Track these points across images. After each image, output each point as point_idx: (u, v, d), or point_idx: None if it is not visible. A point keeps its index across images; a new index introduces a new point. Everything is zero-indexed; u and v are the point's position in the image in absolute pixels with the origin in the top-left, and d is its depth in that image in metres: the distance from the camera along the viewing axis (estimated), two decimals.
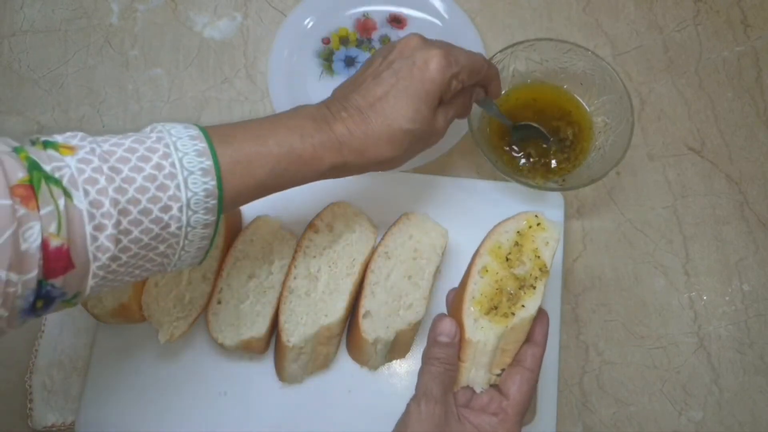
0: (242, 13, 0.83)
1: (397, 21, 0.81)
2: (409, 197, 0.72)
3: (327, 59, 0.80)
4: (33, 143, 0.44)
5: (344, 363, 0.68)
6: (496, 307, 0.55)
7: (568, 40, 0.71)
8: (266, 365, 0.67)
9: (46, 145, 0.44)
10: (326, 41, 0.81)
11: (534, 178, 0.71)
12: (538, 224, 0.58)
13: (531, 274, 0.56)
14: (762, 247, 0.74)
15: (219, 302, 0.65)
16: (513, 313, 0.54)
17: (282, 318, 0.63)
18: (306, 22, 0.80)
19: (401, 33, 0.81)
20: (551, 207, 0.72)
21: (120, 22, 0.82)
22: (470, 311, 0.54)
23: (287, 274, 0.65)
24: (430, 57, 0.54)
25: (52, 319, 0.69)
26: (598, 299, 0.72)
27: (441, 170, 0.76)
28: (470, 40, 0.79)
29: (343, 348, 0.68)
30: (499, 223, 0.59)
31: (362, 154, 0.53)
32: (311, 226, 0.67)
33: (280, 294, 0.65)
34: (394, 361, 0.68)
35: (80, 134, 0.45)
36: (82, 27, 0.82)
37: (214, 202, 0.47)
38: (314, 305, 0.64)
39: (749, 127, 0.78)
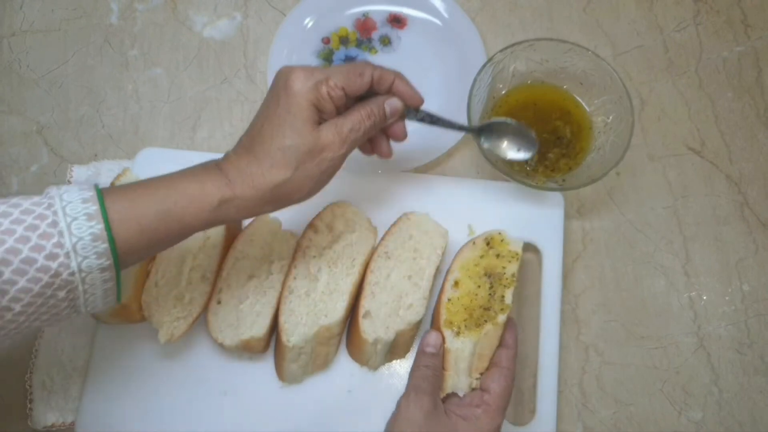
0: (242, 12, 0.83)
1: (397, 21, 0.81)
2: (409, 197, 0.72)
3: (327, 59, 0.80)
4: None
5: (344, 363, 0.68)
6: (470, 316, 0.62)
7: (569, 40, 0.71)
8: (266, 365, 0.67)
9: None
10: (326, 41, 0.81)
11: (534, 178, 0.71)
12: (502, 240, 0.65)
13: (500, 284, 0.63)
14: (762, 247, 0.74)
15: (219, 302, 0.65)
16: (486, 321, 0.61)
17: (282, 318, 0.63)
18: (306, 22, 0.80)
19: (401, 33, 0.81)
20: (551, 207, 0.72)
21: (119, 22, 0.82)
22: (447, 323, 0.62)
23: (287, 274, 0.65)
24: (288, 77, 0.53)
25: None
26: (598, 299, 0.72)
27: (441, 170, 0.76)
28: (470, 40, 0.79)
29: (343, 348, 0.68)
30: (467, 243, 0.66)
31: (251, 184, 0.52)
32: (311, 226, 0.67)
33: (280, 294, 0.65)
34: (394, 361, 0.68)
35: None
36: (81, 27, 0.82)
37: (105, 245, 0.47)
38: (314, 305, 0.64)
39: (749, 127, 0.78)
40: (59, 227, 0.46)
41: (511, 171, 0.70)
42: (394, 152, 0.76)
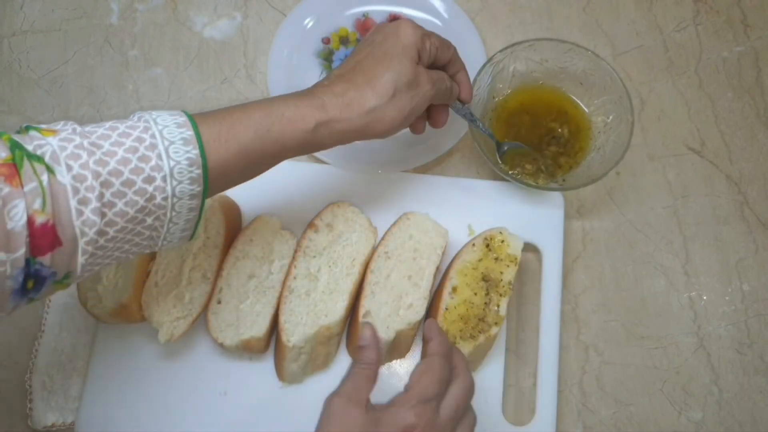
0: (242, 12, 0.83)
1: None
2: (409, 197, 0.72)
3: (327, 59, 0.80)
4: (17, 132, 0.45)
5: (344, 363, 0.68)
6: (466, 325, 0.62)
7: (568, 40, 0.71)
8: (266, 365, 0.67)
9: (29, 128, 0.45)
10: (326, 41, 0.81)
11: (534, 178, 0.71)
12: (502, 241, 0.65)
13: (497, 292, 0.63)
14: (762, 247, 0.74)
15: (219, 302, 0.65)
16: (480, 333, 0.62)
17: (282, 318, 0.63)
18: (306, 22, 0.80)
19: None
20: (551, 207, 0.72)
21: (120, 22, 0.82)
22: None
23: (287, 274, 0.65)
24: (399, 24, 0.58)
25: (52, 319, 0.69)
26: (598, 299, 0.72)
27: (441, 170, 0.76)
28: (470, 40, 0.79)
29: (343, 348, 0.68)
30: (467, 244, 0.65)
31: (347, 106, 0.54)
32: (311, 226, 0.67)
33: (280, 294, 0.65)
34: (394, 361, 0.68)
35: (63, 121, 0.46)
36: (81, 27, 0.82)
37: (199, 171, 0.47)
38: (314, 305, 0.64)
39: (749, 127, 0.78)
40: (157, 150, 0.46)
41: (510, 171, 0.70)
42: (394, 152, 0.76)
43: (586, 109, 0.73)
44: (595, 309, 0.72)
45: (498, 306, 0.63)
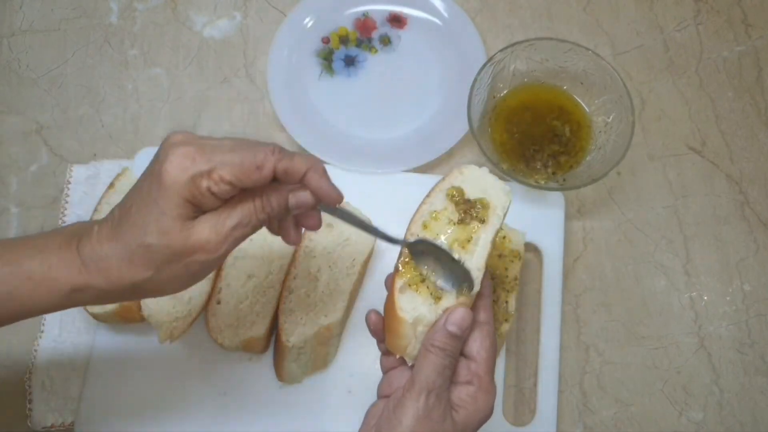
0: (242, 12, 0.83)
1: (397, 20, 0.81)
2: (409, 197, 0.72)
3: (327, 59, 0.80)
4: None
5: (344, 363, 0.67)
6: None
7: (569, 39, 0.71)
8: (266, 365, 0.67)
9: None
10: (326, 41, 0.80)
11: (534, 178, 0.71)
12: (504, 237, 0.61)
13: (503, 288, 0.56)
14: (762, 246, 0.74)
15: (218, 302, 0.65)
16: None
17: (281, 318, 0.63)
18: (306, 22, 0.80)
19: (401, 32, 0.81)
20: (552, 207, 0.71)
21: (119, 22, 0.82)
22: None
23: (287, 274, 0.65)
24: (169, 154, 0.43)
25: (52, 318, 0.69)
26: (599, 299, 0.72)
27: (441, 170, 0.76)
28: (470, 40, 0.79)
29: (342, 348, 0.68)
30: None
31: (106, 276, 0.44)
32: None
33: (280, 294, 0.65)
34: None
35: None
36: (81, 26, 0.82)
37: None
38: (314, 305, 0.64)
39: (750, 127, 0.78)
40: None
41: (511, 171, 0.70)
42: (394, 152, 0.76)
43: (587, 109, 0.73)
44: (596, 309, 0.72)
45: (507, 302, 0.62)
